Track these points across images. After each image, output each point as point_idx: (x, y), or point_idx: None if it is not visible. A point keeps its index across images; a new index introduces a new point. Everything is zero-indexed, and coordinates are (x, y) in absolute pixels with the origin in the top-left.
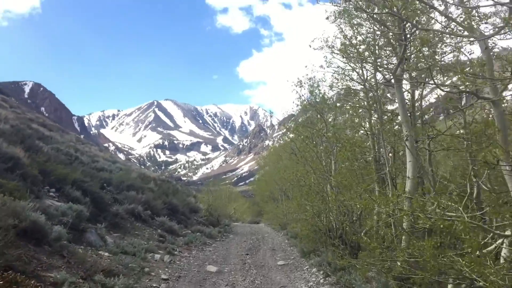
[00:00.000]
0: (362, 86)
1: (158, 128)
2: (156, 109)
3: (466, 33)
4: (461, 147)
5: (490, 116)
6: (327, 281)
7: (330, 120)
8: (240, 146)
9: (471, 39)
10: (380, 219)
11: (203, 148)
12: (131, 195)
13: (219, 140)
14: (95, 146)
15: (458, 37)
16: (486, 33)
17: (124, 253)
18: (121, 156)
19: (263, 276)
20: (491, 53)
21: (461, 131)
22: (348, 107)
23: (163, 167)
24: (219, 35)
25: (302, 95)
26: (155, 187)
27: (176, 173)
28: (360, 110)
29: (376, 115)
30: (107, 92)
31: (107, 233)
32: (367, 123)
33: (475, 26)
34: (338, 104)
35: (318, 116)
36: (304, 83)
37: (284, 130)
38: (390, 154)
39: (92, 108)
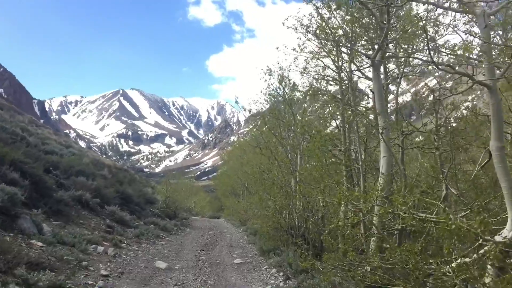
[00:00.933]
0: (336, 74)
1: (122, 118)
2: (121, 98)
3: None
4: (433, 146)
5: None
6: (288, 285)
7: (299, 112)
8: (205, 140)
9: (470, 16)
10: (347, 218)
11: (168, 140)
12: (80, 181)
13: (184, 133)
14: (49, 130)
15: (454, 13)
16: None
17: (61, 244)
18: (82, 143)
19: (217, 276)
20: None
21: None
22: (320, 95)
23: (125, 157)
24: (190, 27)
25: (271, 84)
26: (108, 175)
27: (139, 164)
28: (332, 102)
29: (349, 106)
30: (71, 77)
31: (46, 220)
32: (338, 115)
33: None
34: (309, 93)
35: (286, 107)
36: (274, 72)
37: (251, 127)
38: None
39: (54, 93)
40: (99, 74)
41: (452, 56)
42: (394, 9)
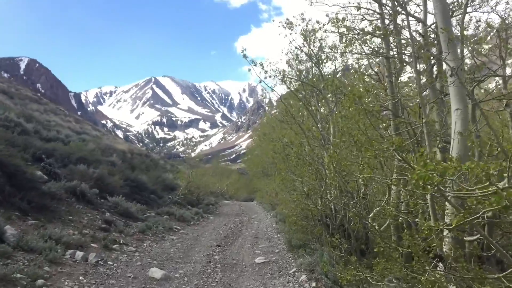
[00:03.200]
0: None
1: (156, 105)
2: (154, 86)
3: None
4: None
5: None
6: None
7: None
8: (239, 123)
9: None
10: (403, 201)
11: (202, 125)
12: (78, 169)
13: (218, 117)
14: (62, 116)
15: None
16: None
17: (26, 251)
18: (119, 133)
19: (228, 286)
20: None
21: None
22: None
23: (161, 144)
24: (216, 10)
25: (293, 40)
26: (117, 161)
27: (175, 150)
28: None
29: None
30: (104, 68)
31: (17, 220)
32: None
33: None
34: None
35: (314, 67)
36: (296, 25)
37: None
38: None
39: (89, 85)
40: (130, 64)
41: None
42: None
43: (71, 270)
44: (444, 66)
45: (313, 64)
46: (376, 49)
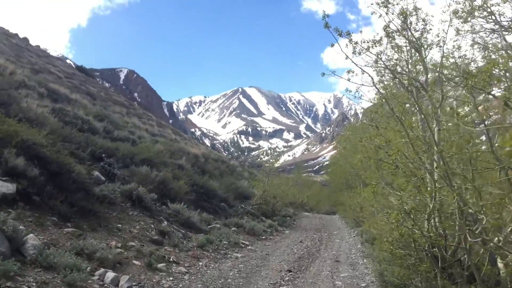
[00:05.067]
0: None
1: (242, 115)
2: (241, 96)
3: None
4: None
5: None
6: None
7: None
8: (323, 134)
9: None
10: None
11: (286, 135)
12: (140, 171)
13: (302, 127)
14: (145, 119)
15: None
16: None
17: (44, 268)
18: (207, 141)
19: None
20: None
21: None
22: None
23: (246, 153)
24: (304, 20)
25: (391, 20)
26: (186, 164)
27: (259, 159)
28: None
29: None
30: (194, 79)
31: (53, 227)
32: None
33: None
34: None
35: (414, 54)
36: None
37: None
38: None
39: (180, 95)
40: (219, 75)
41: None
42: None
43: None
44: None
45: (413, 52)
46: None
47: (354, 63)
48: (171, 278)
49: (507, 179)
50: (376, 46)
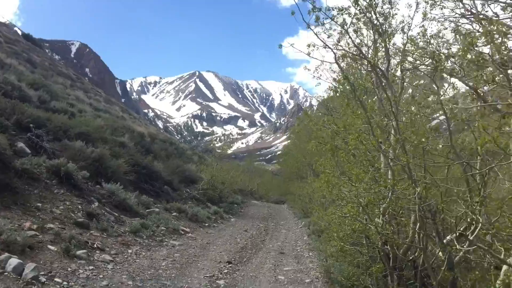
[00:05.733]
0: None
1: (198, 99)
2: (197, 80)
3: None
4: None
5: None
6: None
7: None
8: (277, 124)
9: None
10: None
11: (240, 122)
12: (74, 146)
13: (257, 116)
14: (92, 94)
15: None
16: None
17: None
18: (160, 123)
19: None
20: None
21: None
22: None
23: (199, 138)
24: (265, 9)
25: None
26: (129, 143)
27: (212, 145)
28: None
29: None
30: (151, 59)
31: None
32: None
33: None
34: None
35: (376, 39)
36: None
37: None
38: None
39: (134, 74)
40: (177, 57)
41: None
42: None
43: None
44: None
45: (377, 37)
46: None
47: (316, 35)
48: (91, 267)
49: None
50: (342, 14)
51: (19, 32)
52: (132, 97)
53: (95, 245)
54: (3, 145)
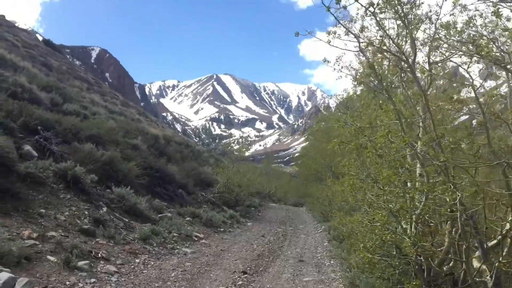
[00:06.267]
0: None
1: (215, 102)
2: (215, 83)
3: None
4: None
5: None
6: None
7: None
8: (295, 126)
9: None
10: None
11: (258, 125)
12: (84, 149)
13: (275, 118)
14: (108, 97)
15: None
16: None
17: None
18: (178, 126)
19: None
20: None
21: None
22: None
23: (217, 140)
24: (282, 11)
25: None
26: (142, 145)
27: (230, 147)
28: None
29: None
30: (169, 63)
31: None
32: None
33: None
34: None
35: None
36: None
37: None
38: None
39: (153, 78)
40: (194, 60)
41: None
42: None
43: None
44: None
45: (401, 30)
46: None
47: (336, 19)
48: (92, 280)
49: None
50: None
51: (40, 38)
52: (151, 100)
53: (99, 255)
54: (6, 148)
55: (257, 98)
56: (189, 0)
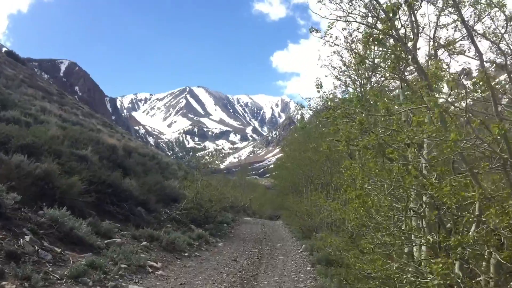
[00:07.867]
0: None
1: (189, 115)
2: (188, 96)
3: None
4: None
5: None
6: None
7: None
8: (269, 137)
9: None
10: None
11: (232, 137)
12: (10, 161)
13: (249, 130)
14: (68, 108)
15: None
16: None
17: None
18: (151, 139)
19: None
20: None
21: None
22: None
23: (191, 153)
24: (255, 23)
25: None
26: (92, 156)
27: (204, 160)
28: None
29: None
30: (141, 76)
31: None
32: None
33: None
34: None
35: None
36: None
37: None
38: None
39: (125, 91)
40: (166, 73)
41: None
42: None
43: None
44: None
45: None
46: None
47: None
48: None
49: None
50: None
51: (4, 50)
52: (123, 114)
53: None
54: None
55: (231, 110)
56: (161, 13)
